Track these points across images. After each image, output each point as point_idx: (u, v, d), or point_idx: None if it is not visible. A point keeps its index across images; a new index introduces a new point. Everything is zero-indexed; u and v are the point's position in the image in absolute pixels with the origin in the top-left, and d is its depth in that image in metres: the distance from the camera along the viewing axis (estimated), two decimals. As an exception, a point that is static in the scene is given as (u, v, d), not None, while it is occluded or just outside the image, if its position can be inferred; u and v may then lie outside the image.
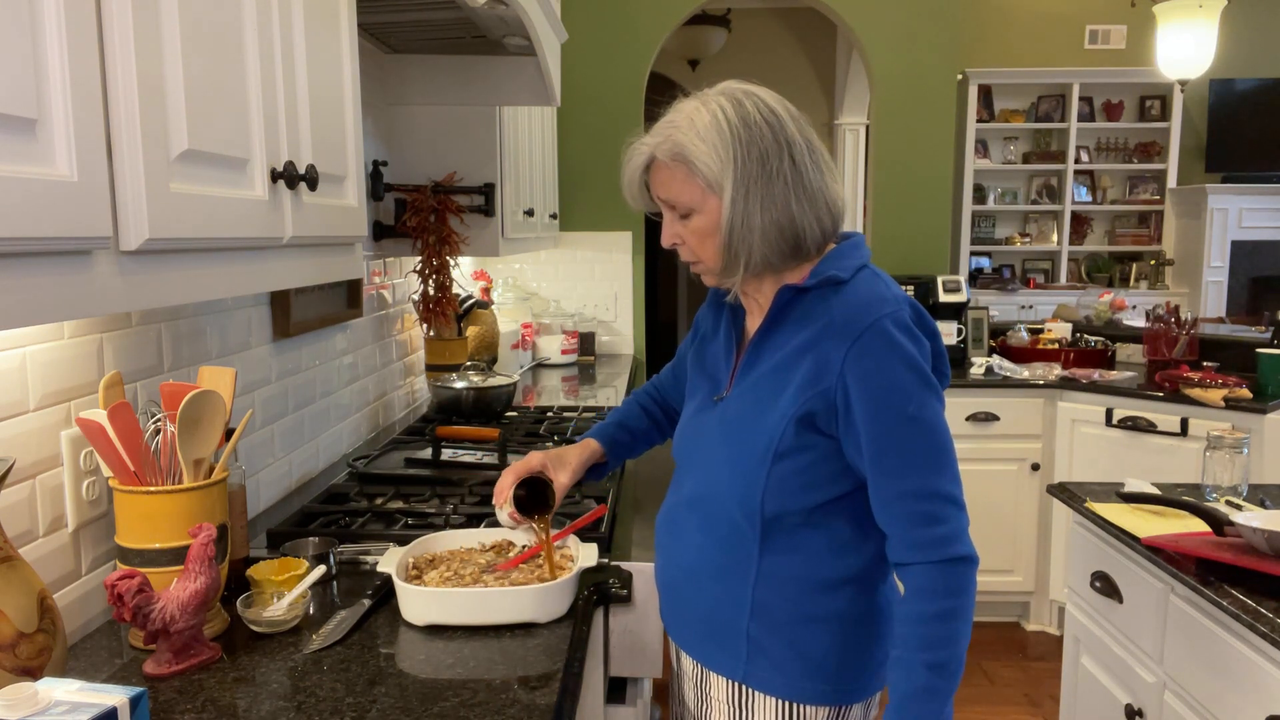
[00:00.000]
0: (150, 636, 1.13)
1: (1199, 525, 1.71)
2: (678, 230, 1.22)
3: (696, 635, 1.29)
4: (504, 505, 1.40)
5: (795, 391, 1.18)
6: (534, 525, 1.41)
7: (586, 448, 1.49)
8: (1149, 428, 3.10)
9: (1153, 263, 6.37)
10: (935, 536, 1.14)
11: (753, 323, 1.30)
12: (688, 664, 1.35)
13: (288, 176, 1.09)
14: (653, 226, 1.37)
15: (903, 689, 1.14)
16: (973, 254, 6.47)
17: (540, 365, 3.83)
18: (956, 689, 1.16)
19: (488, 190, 2.50)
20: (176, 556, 1.18)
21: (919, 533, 1.14)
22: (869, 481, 1.17)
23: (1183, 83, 4.07)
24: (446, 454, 2.07)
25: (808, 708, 1.23)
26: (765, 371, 1.23)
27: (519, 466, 1.42)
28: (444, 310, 2.58)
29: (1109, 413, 3.21)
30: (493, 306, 3.42)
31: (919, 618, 1.14)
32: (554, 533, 1.46)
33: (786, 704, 1.23)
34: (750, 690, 1.25)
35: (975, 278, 6.33)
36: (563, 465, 1.45)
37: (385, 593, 1.38)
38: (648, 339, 4.31)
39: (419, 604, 1.29)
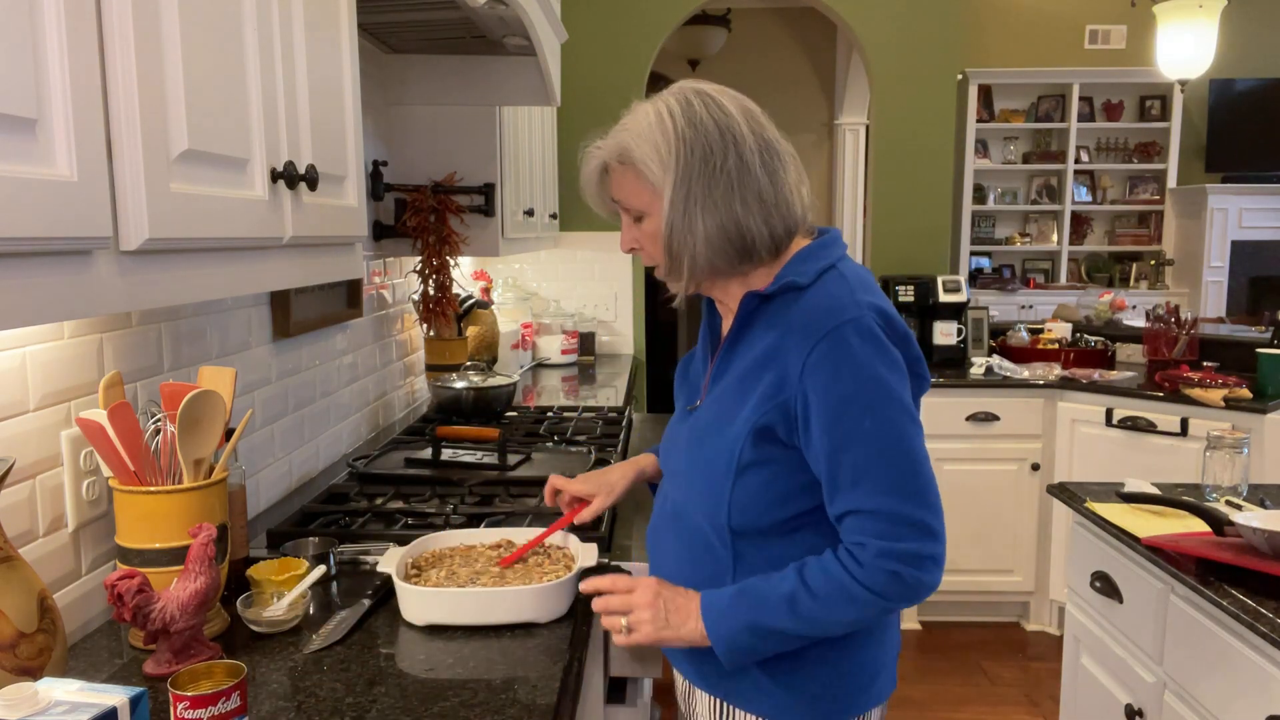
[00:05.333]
0: (150, 636, 1.13)
1: (1199, 525, 1.70)
2: (634, 234, 1.19)
3: (681, 649, 1.25)
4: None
5: (756, 403, 1.13)
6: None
7: (635, 465, 1.48)
8: (1149, 428, 3.10)
9: (1153, 263, 6.37)
10: (889, 550, 1.07)
11: (727, 328, 1.26)
12: (679, 680, 1.34)
13: (288, 176, 1.09)
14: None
15: (727, 640, 1.12)
16: (973, 254, 6.47)
17: (540, 365, 3.83)
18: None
19: (488, 190, 2.50)
20: (176, 556, 1.18)
21: (872, 543, 1.08)
22: (825, 502, 1.12)
23: (1183, 83, 4.07)
24: (446, 454, 2.07)
25: None
26: (732, 381, 1.19)
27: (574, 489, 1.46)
28: (444, 310, 2.58)
29: (1109, 413, 3.21)
30: (493, 306, 3.42)
31: (821, 584, 1.09)
32: (537, 534, 1.47)
33: None
34: (731, 707, 1.22)
35: (975, 278, 6.33)
36: (609, 492, 1.46)
37: (385, 593, 1.38)
38: (648, 339, 4.31)
39: (419, 604, 1.29)
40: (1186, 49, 3.93)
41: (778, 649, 1.14)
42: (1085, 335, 3.83)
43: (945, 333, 3.78)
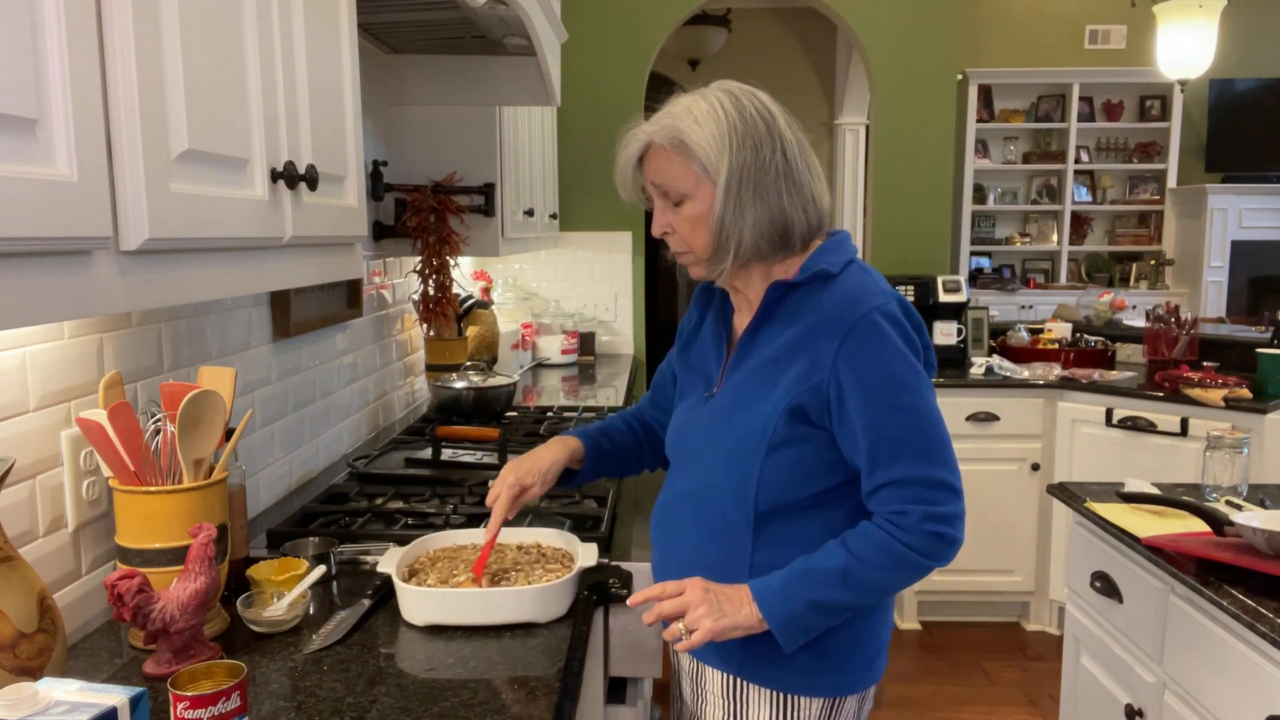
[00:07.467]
0: (150, 636, 1.13)
1: (1199, 525, 1.70)
2: (669, 219, 1.23)
3: None
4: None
5: (787, 386, 1.19)
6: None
7: (564, 446, 1.42)
8: (1149, 428, 3.10)
9: (1153, 263, 6.37)
10: (930, 514, 1.15)
11: (741, 320, 1.31)
12: (685, 660, 1.37)
13: (288, 176, 1.09)
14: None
15: (786, 618, 1.16)
16: (973, 254, 6.47)
17: (540, 365, 3.83)
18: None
19: (488, 190, 2.50)
20: (176, 556, 1.18)
21: (915, 509, 1.16)
22: (863, 473, 1.18)
23: (1183, 83, 4.06)
24: (446, 454, 2.07)
25: (802, 699, 1.25)
26: (755, 366, 1.24)
27: (513, 500, 1.37)
28: (444, 310, 2.58)
29: (1109, 413, 3.21)
30: (493, 306, 3.42)
31: (870, 552, 1.15)
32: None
33: (781, 695, 1.25)
34: (745, 683, 1.26)
35: (975, 278, 6.33)
36: (541, 480, 1.39)
37: (385, 593, 1.38)
38: (648, 339, 4.31)
39: (419, 604, 1.29)
40: (1186, 49, 3.93)
41: (829, 623, 1.19)
42: (1085, 335, 3.83)
43: (945, 333, 3.78)
